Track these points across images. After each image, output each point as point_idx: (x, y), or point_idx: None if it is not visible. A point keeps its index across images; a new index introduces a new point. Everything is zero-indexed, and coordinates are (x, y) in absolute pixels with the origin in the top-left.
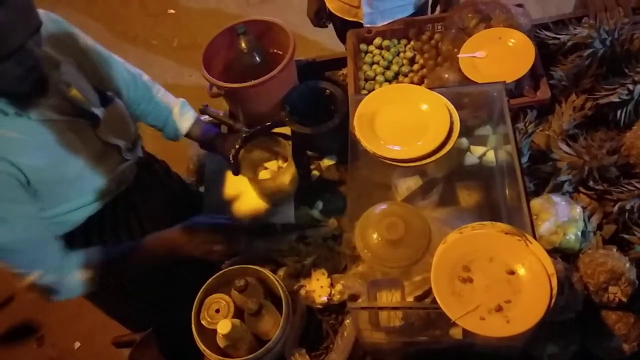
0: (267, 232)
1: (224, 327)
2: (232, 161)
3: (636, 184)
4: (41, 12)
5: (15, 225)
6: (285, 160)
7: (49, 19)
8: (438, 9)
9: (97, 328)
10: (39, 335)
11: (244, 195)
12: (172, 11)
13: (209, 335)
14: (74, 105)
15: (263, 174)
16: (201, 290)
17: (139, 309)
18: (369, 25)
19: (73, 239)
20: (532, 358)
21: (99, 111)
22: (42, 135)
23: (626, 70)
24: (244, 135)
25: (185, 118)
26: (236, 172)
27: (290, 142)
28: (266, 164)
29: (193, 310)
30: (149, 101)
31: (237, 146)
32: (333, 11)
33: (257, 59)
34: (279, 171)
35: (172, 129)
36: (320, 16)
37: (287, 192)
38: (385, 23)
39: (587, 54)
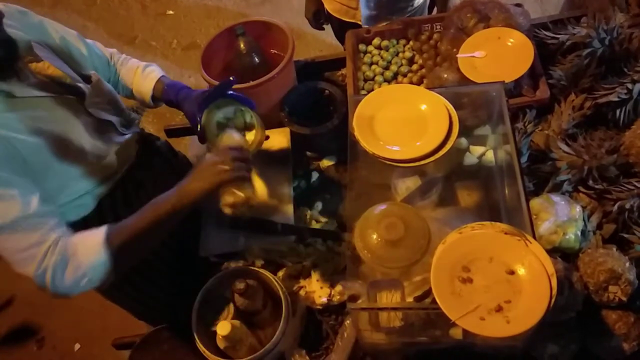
0: (266, 229)
1: (223, 328)
2: (197, 127)
3: (636, 183)
4: (5, 4)
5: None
6: (252, 126)
7: (16, 10)
8: (435, 10)
9: (97, 330)
10: (39, 337)
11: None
12: (171, 12)
13: (209, 336)
14: (56, 82)
15: (227, 137)
16: (201, 290)
17: (142, 302)
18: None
19: (89, 225)
20: (532, 358)
21: (83, 86)
22: (31, 111)
23: (625, 70)
24: (204, 96)
25: (147, 81)
26: (201, 139)
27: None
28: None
29: (194, 311)
30: (114, 75)
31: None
32: (331, 12)
33: (256, 59)
34: (245, 131)
35: (139, 97)
36: (319, 17)
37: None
38: (384, 24)
39: (586, 54)
